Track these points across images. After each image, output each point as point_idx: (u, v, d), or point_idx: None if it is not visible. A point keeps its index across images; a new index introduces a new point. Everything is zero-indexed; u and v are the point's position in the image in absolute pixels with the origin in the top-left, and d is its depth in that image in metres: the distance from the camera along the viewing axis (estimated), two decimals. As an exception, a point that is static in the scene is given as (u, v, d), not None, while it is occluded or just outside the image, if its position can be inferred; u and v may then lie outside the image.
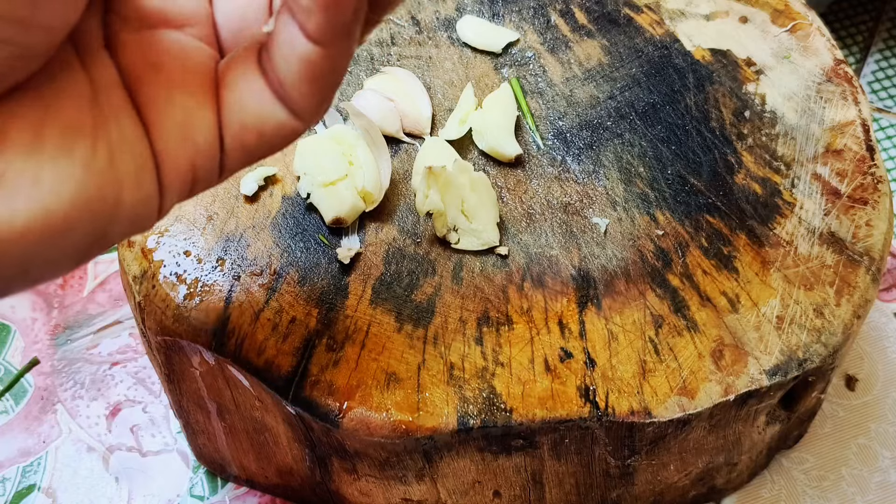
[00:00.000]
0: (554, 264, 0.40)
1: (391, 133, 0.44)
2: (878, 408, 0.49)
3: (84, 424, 0.50)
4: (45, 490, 0.48)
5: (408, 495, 0.40)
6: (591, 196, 0.43)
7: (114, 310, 0.54)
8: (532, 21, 0.49)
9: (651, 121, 0.45)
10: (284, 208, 0.42)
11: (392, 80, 0.45)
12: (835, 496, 0.46)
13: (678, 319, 0.39)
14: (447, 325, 0.39)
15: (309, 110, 0.27)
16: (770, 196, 0.42)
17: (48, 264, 0.24)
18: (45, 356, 0.52)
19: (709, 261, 0.40)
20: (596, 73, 0.47)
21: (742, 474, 0.45)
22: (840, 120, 0.44)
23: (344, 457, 0.39)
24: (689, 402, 0.37)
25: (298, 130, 0.27)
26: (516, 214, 0.42)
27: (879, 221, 0.41)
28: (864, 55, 0.66)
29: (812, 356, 0.38)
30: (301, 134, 0.28)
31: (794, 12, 0.48)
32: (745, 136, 0.44)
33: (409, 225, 0.42)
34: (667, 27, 0.48)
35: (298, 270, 0.40)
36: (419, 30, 0.48)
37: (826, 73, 0.46)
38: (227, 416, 0.42)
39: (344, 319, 0.39)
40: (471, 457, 0.38)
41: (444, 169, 0.40)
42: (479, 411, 0.36)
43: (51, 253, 0.24)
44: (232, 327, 0.38)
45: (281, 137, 0.27)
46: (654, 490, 0.42)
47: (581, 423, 0.36)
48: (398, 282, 0.40)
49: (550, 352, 0.38)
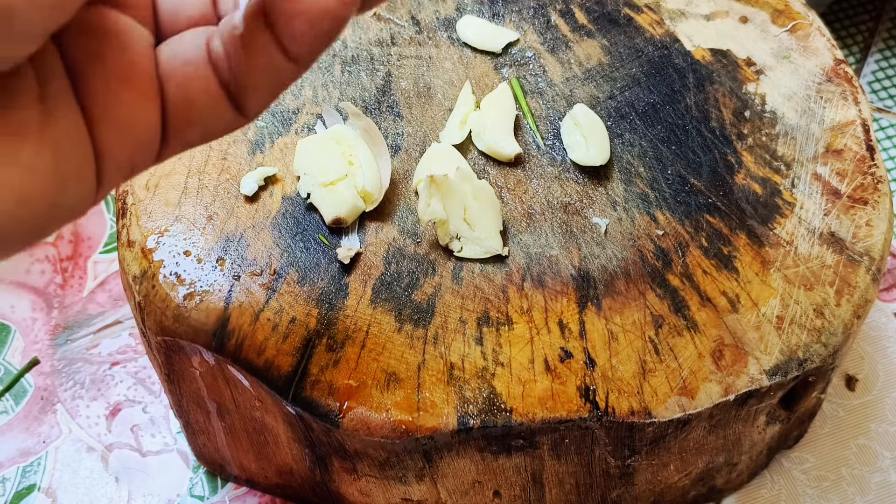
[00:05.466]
0: (554, 264, 0.40)
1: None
2: (878, 408, 0.49)
3: (84, 424, 0.50)
4: (45, 490, 0.48)
5: (408, 495, 0.40)
6: (591, 196, 0.43)
7: (114, 310, 0.54)
8: (532, 21, 0.49)
9: (651, 121, 0.45)
10: (284, 208, 0.42)
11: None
12: (835, 496, 0.46)
13: (678, 319, 0.39)
14: (447, 325, 0.39)
15: (258, 112, 0.27)
16: (770, 196, 0.42)
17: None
18: (45, 356, 0.52)
19: (709, 261, 0.40)
20: (596, 73, 0.47)
21: (742, 474, 0.45)
22: (840, 120, 0.44)
23: (344, 457, 0.39)
24: (689, 402, 0.37)
25: (240, 126, 0.27)
26: (516, 214, 0.42)
27: (879, 221, 0.41)
28: (864, 55, 0.66)
29: (812, 356, 0.38)
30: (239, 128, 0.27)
31: (794, 12, 0.48)
32: (745, 136, 0.44)
33: (409, 225, 0.42)
34: (667, 27, 0.48)
35: (298, 270, 0.40)
36: (419, 30, 0.48)
37: (826, 73, 0.46)
38: (227, 416, 0.42)
39: (344, 319, 0.39)
40: (471, 457, 0.38)
41: (445, 177, 0.40)
42: (479, 411, 0.36)
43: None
44: (232, 327, 0.38)
45: (223, 132, 0.27)
46: (654, 490, 0.42)
47: (581, 423, 0.36)
48: (398, 282, 0.40)
49: (550, 352, 0.38)
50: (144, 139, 0.26)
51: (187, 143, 0.27)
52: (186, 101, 0.26)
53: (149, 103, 0.26)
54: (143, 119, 0.26)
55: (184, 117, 0.26)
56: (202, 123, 0.27)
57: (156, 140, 0.26)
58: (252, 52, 0.25)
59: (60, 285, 0.54)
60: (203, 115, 0.26)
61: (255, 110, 0.27)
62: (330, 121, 0.45)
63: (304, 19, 0.24)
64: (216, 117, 0.27)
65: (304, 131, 0.44)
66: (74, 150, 0.25)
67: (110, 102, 0.25)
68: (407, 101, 0.46)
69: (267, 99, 0.26)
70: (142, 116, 0.26)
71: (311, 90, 0.46)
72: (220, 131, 0.27)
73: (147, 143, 0.26)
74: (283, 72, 0.25)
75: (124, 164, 0.26)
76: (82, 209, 0.26)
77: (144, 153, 0.26)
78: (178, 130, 0.27)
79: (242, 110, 0.27)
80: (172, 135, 0.27)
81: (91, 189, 0.26)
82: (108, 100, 0.25)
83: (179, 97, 0.26)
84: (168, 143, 0.27)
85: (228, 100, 0.26)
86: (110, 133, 0.25)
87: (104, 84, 0.25)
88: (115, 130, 0.25)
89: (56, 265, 0.55)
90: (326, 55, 0.47)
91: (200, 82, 0.26)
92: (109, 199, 0.58)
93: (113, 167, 0.26)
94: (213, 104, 0.26)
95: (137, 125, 0.26)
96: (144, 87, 0.26)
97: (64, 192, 0.25)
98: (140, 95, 0.25)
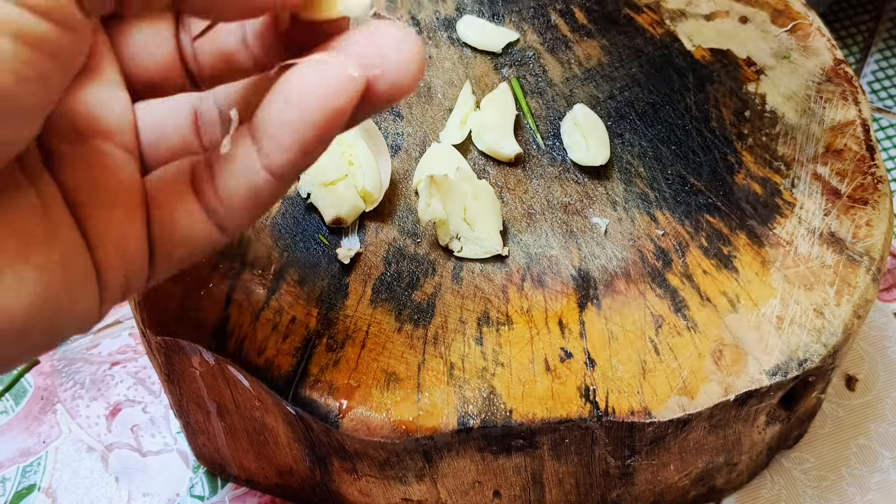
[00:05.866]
0: (554, 264, 0.40)
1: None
2: (878, 408, 0.49)
3: (84, 424, 0.50)
4: (45, 490, 0.48)
5: (408, 495, 0.40)
6: (591, 196, 0.43)
7: (114, 310, 0.54)
8: (532, 21, 0.49)
9: (651, 121, 0.45)
10: (284, 208, 0.42)
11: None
12: (835, 496, 0.46)
13: (678, 319, 0.39)
14: (447, 325, 0.39)
15: (240, 229, 0.28)
16: (770, 196, 0.42)
17: (3, 361, 0.26)
18: (45, 356, 0.52)
19: (709, 261, 0.40)
20: (596, 73, 0.47)
21: (742, 474, 0.45)
22: (840, 120, 0.44)
23: (344, 457, 0.39)
24: (689, 402, 0.37)
25: (224, 243, 0.29)
26: (516, 214, 0.42)
27: (879, 221, 0.41)
28: (864, 55, 0.66)
29: (812, 356, 0.38)
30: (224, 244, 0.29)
31: (794, 12, 0.48)
32: (745, 135, 0.44)
33: (409, 225, 0.42)
34: (667, 27, 0.48)
35: (298, 270, 0.40)
36: (419, 30, 0.48)
37: (826, 73, 0.46)
38: (227, 416, 0.42)
39: (344, 319, 0.39)
40: (471, 457, 0.38)
41: (445, 177, 0.40)
42: (479, 411, 0.36)
43: (7, 351, 0.25)
44: (232, 327, 0.38)
45: (208, 249, 0.29)
46: (654, 490, 0.42)
47: (581, 423, 0.36)
48: (398, 282, 0.40)
49: (550, 352, 0.38)
50: (135, 257, 0.28)
51: (175, 263, 0.29)
52: (170, 223, 0.28)
53: (136, 223, 0.27)
54: (132, 237, 0.27)
55: (168, 238, 0.28)
56: (186, 244, 0.28)
57: (144, 259, 0.28)
58: (234, 174, 0.27)
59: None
60: (186, 236, 0.28)
61: (235, 230, 0.28)
62: (330, 121, 0.44)
63: (291, 129, 0.25)
64: (198, 238, 0.28)
65: (304, 131, 0.44)
66: (78, 259, 0.26)
67: (103, 221, 0.27)
68: (407, 101, 0.46)
69: (248, 220, 0.28)
70: (131, 235, 0.27)
71: (311, 90, 0.46)
72: (205, 251, 0.29)
73: (136, 261, 0.28)
74: (263, 191, 0.27)
75: (120, 280, 0.28)
76: (91, 319, 0.27)
77: (136, 269, 0.28)
78: (164, 251, 0.28)
79: (224, 230, 0.28)
80: (159, 254, 0.28)
81: (96, 302, 0.27)
82: (101, 219, 0.27)
83: (164, 218, 0.28)
84: (156, 263, 0.28)
85: (211, 220, 0.28)
86: (105, 250, 0.27)
87: (99, 209, 0.27)
88: (109, 249, 0.27)
89: (56, 265, 0.55)
90: (326, 55, 0.47)
91: (182, 205, 0.28)
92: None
93: (112, 282, 0.27)
94: (196, 226, 0.28)
95: (128, 243, 0.27)
96: (133, 208, 0.27)
97: (73, 299, 0.26)
98: (129, 215, 0.27)
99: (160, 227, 0.28)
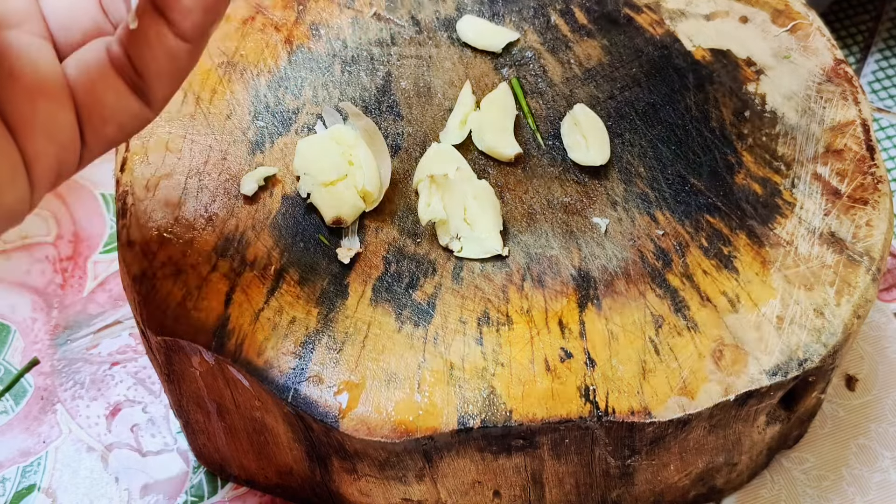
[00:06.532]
0: (554, 264, 0.40)
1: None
2: (878, 408, 0.49)
3: (84, 424, 0.50)
4: (45, 490, 0.48)
5: (408, 495, 0.40)
6: (591, 196, 0.43)
7: (114, 310, 0.54)
8: (532, 21, 0.49)
9: (651, 121, 0.45)
10: (284, 208, 0.42)
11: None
12: (835, 496, 0.46)
13: (678, 319, 0.39)
14: (447, 325, 0.39)
15: (163, 101, 0.29)
16: (770, 196, 0.42)
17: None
18: (45, 356, 0.52)
19: (709, 261, 0.40)
20: (596, 73, 0.47)
21: (742, 474, 0.45)
22: (840, 120, 0.44)
23: (344, 457, 0.39)
24: (689, 402, 0.37)
25: (151, 118, 0.30)
26: (516, 214, 0.42)
27: (879, 221, 0.41)
28: (864, 55, 0.66)
29: (812, 356, 0.38)
30: (152, 121, 0.30)
31: (794, 12, 0.48)
32: (745, 136, 0.44)
33: (409, 225, 0.42)
34: (667, 27, 0.48)
35: (298, 270, 0.40)
36: (419, 30, 0.48)
37: (826, 73, 0.46)
38: (227, 416, 0.42)
39: (344, 319, 0.39)
40: (471, 457, 0.38)
41: (445, 177, 0.40)
42: (479, 411, 0.36)
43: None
44: (232, 327, 0.38)
45: (137, 126, 0.30)
46: (654, 490, 0.42)
47: (581, 423, 0.36)
48: (398, 282, 0.40)
49: (550, 352, 0.38)
50: (66, 142, 0.28)
51: (107, 142, 0.30)
52: (97, 102, 0.29)
53: (64, 108, 0.28)
54: (61, 123, 0.28)
55: (98, 116, 0.29)
56: (115, 120, 0.29)
57: (76, 141, 0.29)
58: (148, 44, 0.28)
59: (60, 285, 0.54)
60: (114, 112, 0.29)
61: (160, 99, 0.29)
62: (330, 121, 0.45)
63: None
64: (126, 112, 0.29)
65: (304, 131, 0.44)
66: (3, 157, 0.27)
67: (29, 112, 0.27)
68: (407, 101, 0.46)
69: (170, 86, 0.29)
70: (60, 121, 0.28)
71: (311, 90, 0.46)
72: (135, 126, 0.30)
73: (69, 145, 0.28)
74: (179, 55, 0.28)
75: (52, 167, 0.28)
76: (20, 213, 0.28)
77: (68, 155, 0.28)
78: (95, 130, 0.29)
79: (149, 102, 0.29)
80: (91, 135, 0.29)
81: (26, 191, 0.28)
82: (26, 110, 0.27)
83: (90, 100, 0.29)
84: (88, 144, 0.29)
85: (135, 94, 0.29)
86: (34, 140, 0.27)
87: (21, 97, 0.27)
88: (38, 137, 0.27)
89: (56, 265, 0.55)
90: (326, 55, 0.47)
91: (106, 82, 0.29)
92: (109, 200, 0.58)
93: (42, 171, 0.28)
94: (122, 100, 0.29)
95: (58, 130, 0.28)
96: (58, 94, 0.28)
97: (0, 191, 0.27)
98: (55, 102, 0.28)
99: (88, 108, 0.29)
